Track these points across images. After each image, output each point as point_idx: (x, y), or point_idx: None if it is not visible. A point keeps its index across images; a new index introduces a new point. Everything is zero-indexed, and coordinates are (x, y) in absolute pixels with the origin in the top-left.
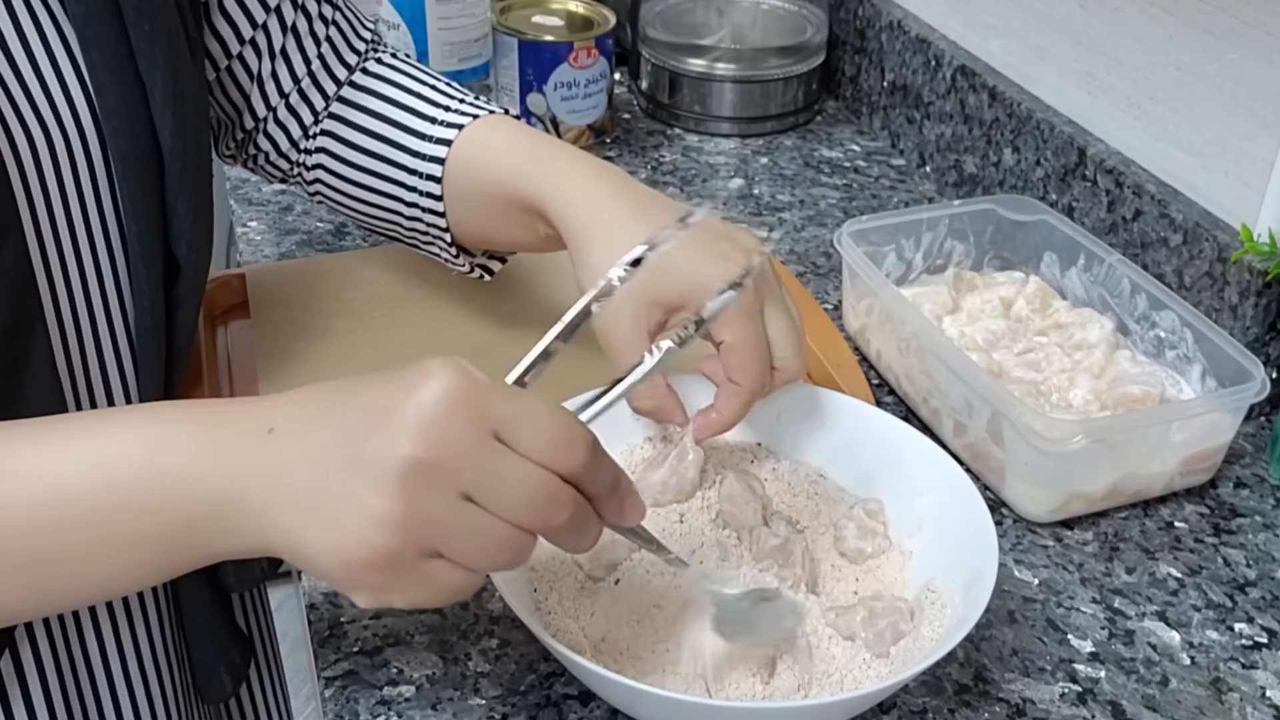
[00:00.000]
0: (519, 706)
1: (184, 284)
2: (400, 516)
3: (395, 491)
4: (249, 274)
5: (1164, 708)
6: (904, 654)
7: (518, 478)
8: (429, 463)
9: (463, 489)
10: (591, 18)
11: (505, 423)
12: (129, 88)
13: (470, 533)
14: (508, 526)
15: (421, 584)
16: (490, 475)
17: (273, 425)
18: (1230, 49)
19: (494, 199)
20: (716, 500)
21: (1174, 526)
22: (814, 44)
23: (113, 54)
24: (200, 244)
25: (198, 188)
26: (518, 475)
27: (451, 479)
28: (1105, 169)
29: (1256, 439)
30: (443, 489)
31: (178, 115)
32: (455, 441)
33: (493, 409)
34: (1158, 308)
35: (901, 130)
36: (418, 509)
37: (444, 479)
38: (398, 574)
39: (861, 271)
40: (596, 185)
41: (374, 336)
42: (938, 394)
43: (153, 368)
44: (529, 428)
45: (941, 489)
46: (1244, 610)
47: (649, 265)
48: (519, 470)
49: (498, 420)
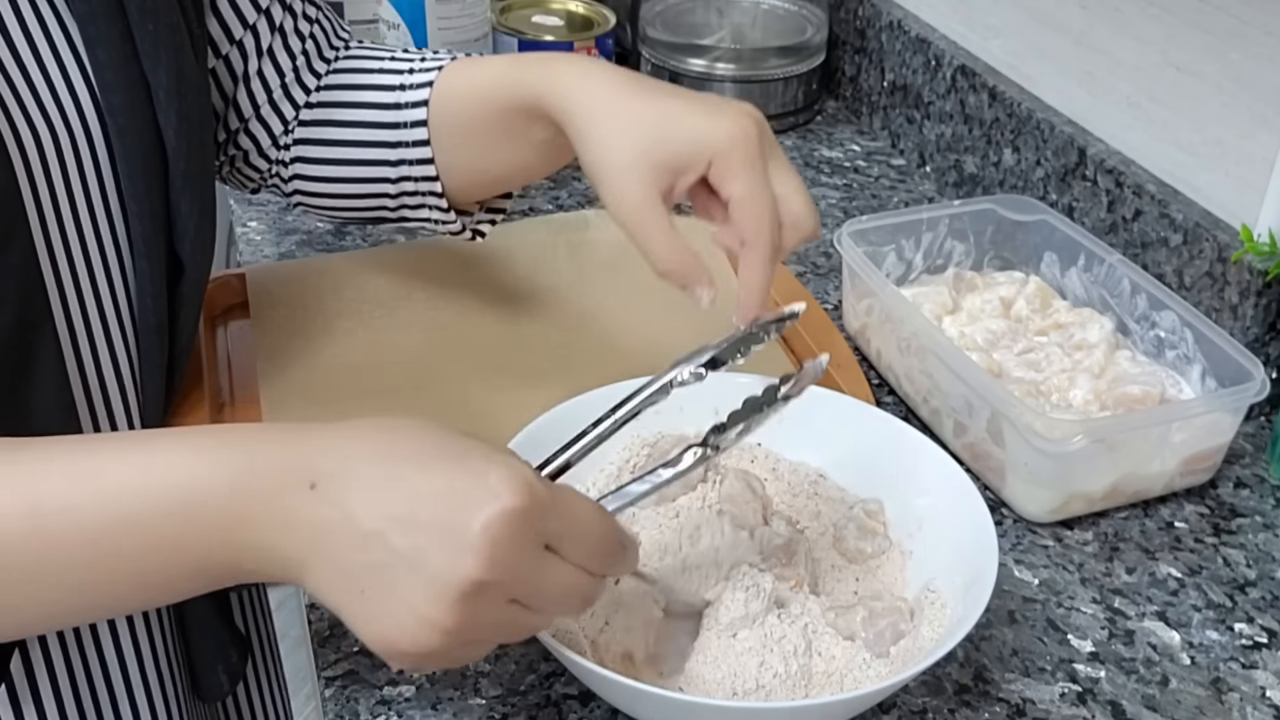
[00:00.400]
0: (519, 706)
1: (187, 283)
2: (454, 627)
3: (454, 607)
4: (249, 274)
5: (1164, 708)
6: (904, 654)
7: (559, 582)
8: (489, 583)
9: (512, 597)
10: (591, 18)
11: (555, 536)
12: (133, 87)
13: (509, 627)
14: (541, 616)
15: (449, 660)
16: (538, 586)
17: (315, 480)
18: (1230, 49)
19: (485, 117)
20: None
21: (1174, 526)
22: (814, 44)
23: (117, 53)
24: (204, 243)
25: (201, 187)
26: (560, 581)
27: (505, 591)
28: (1105, 169)
29: (1256, 439)
30: (495, 600)
31: (181, 114)
32: (514, 562)
33: (547, 526)
34: (1158, 308)
35: (901, 130)
36: (470, 621)
37: (499, 593)
38: (435, 660)
39: (861, 271)
40: (589, 68)
41: (374, 336)
42: (938, 394)
43: (155, 366)
44: (575, 541)
45: (941, 489)
46: (1244, 610)
47: (652, 150)
48: (563, 577)
49: (549, 535)
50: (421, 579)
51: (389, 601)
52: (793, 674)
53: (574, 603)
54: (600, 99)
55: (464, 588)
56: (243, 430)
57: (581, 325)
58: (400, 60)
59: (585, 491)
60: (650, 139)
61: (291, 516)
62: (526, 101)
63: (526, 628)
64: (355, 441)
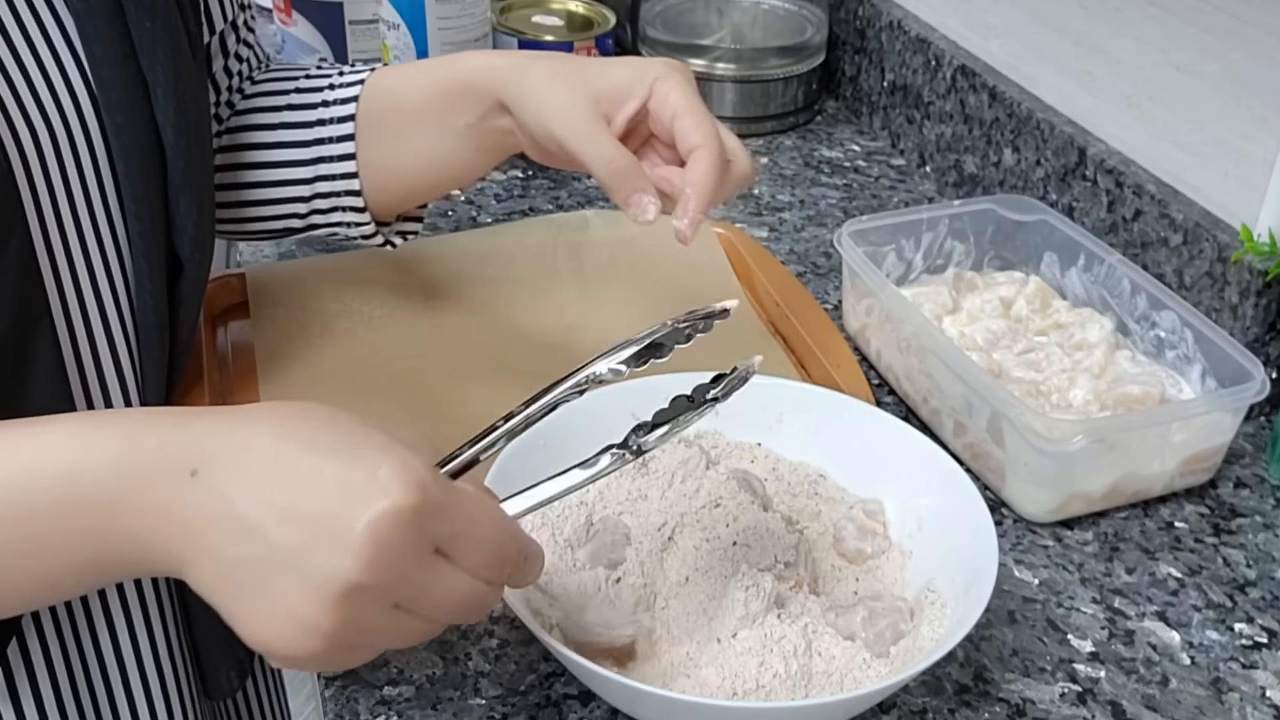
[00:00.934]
0: (519, 706)
1: (186, 281)
2: (331, 629)
3: (332, 609)
4: (249, 274)
5: (1164, 708)
6: (904, 654)
7: (450, 589)
8: (370, 585)
9: (395, 601)
10: (591, 18)
11: (448, 540)
12: (131, 85)
13: (393, 633)
14: (429, 624)
15: (330, 664)
16: (425, 591)
17: (196, 466)
18: (1230, 49)
19: (414, 105)
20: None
21: (1174, 526)
22: (814, 44)
23: (115, 51)
24: (203, 241)
25: (200, 185)
26: (450, 587)
27: (388, 595)
28: (1105, 169)
29: (1256, 439)
30: (377, 603)
31: (180, 112)
32: (400, 565)
33: (439, 528)
34: (1158, 308)
35: (901, 130)
36: (349, 622)
37: (381, 596)
38: (316, 662)
39: (861, 271)
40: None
41: (374, 336)
42: (938, 394)
43: (155, 365)
44: (469, 545)
45: (941, 489)
46: (1244, 610)
47: (591, 83)
48: (453, 583)
49: (441, 538)
50: (297, 577)
51: (265, 600)
52: (793, 674)
53: (465, 611)
54: (535, 63)
55: (342, 590)
56: (132, 413)
57: (581, 325)
58: (317, 76)
59: None
60: (587, 78)
61: (171, 504)
62: (460, 80)
63: (413, 634)
64: (247, 426)
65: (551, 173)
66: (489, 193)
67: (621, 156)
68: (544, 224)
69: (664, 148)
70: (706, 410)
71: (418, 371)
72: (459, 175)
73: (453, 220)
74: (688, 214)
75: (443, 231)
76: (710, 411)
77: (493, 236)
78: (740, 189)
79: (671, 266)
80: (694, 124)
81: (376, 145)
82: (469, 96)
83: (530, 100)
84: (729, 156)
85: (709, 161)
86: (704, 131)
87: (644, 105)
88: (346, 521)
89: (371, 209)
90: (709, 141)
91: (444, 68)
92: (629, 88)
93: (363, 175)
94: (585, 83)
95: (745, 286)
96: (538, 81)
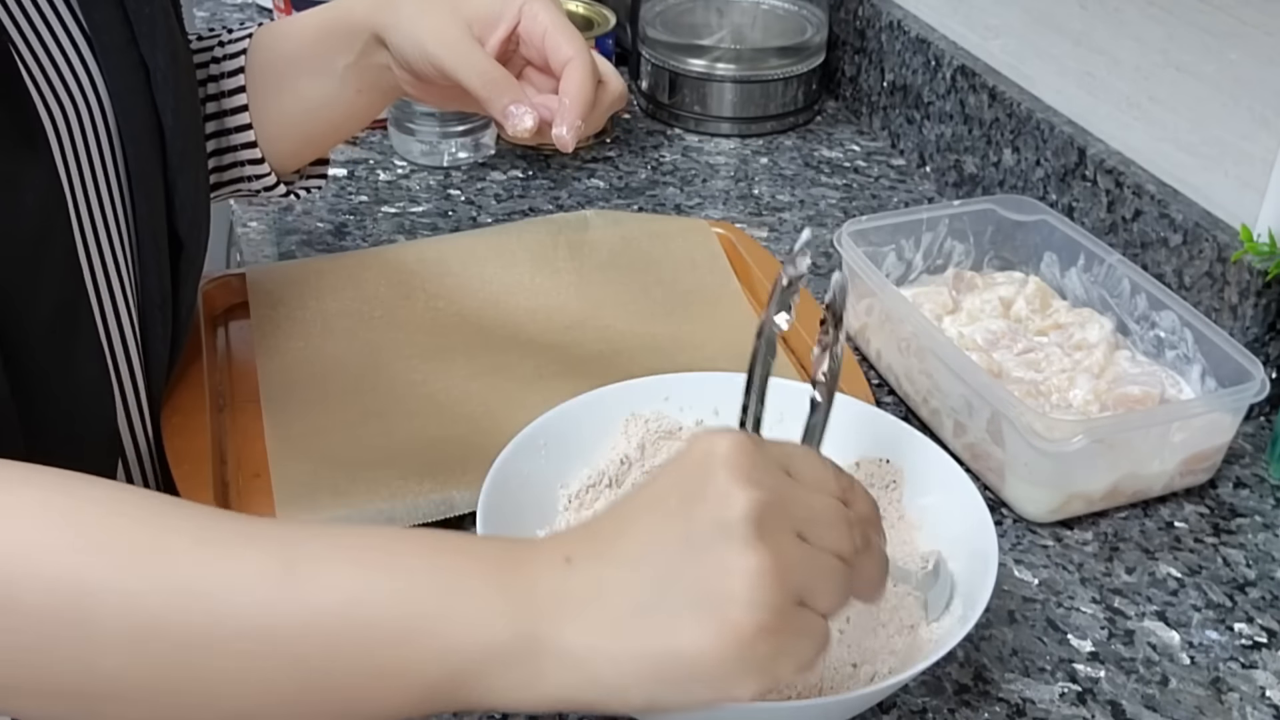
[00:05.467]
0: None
1: (186, 260)
2: (771, 563)
3: (756, 540)
4: (249, 274)
5: (1164, 708)
6: (904, 653)
7: (825, 507)
8: (765, 503)
9: (796, 528)
10: (591, 18)
11: (788, 463)
12: (134, 70)
13: (819, 571)
14: (836, 560)
15: (803, 638)
16: (808, 509)
17: (569, 555)
18: (1230, 49)
19: (297, 50)
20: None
21: (1174, 526)
22: (814, 44)
23: (119, 37)
24: (201, 220)
25: (196, 165)
26: (823, 505)
27: (787, 517)
28: (1105, 169)
29: (1256, 439)
30: (785, 528)
31: (178, 96)
32: (772, 482)
33: (774, 452)
34: (1158, 308)
35: (901, 130)
36: (778, 552)
37: (781, 518)
38: (785, 630)
39: (861, 271)
40: None
41: (374, 336)
42: (938, 394)
43: (158, 345)
44: (805, 465)
45: (941, 489)
46: (1244, 610)
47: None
48: (822, 500)
49: (782, 462)
50: (707, 543)
51: (702, 592)
52: None
53: (845, 531)
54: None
55: (749, 516)
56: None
57: (581, 325)
58: (208, 37)
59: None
60: (456, 5)
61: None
62: (335, 20)
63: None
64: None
65: (551, 172)
66: (489, 193)
67: (495, 69)
68: (544, 224)
69: (538, 75)
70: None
71: (417, 371)
72: (346, 119)
73: (453, 220)
74: (566, 121)
75: (443, 231)
76: None
77: (493, 236)
78: (613, 109)
79: (671, 266)
80: (565, 39)
81: (265, 97)
82: (345, 35)
83: (404, 25)
84: (601, 78)
85: (583, 70)
86: (575, 45)
87: (514, 30)
88: (707, 476)
89: (272, 163)
90: (581, 53)
91: (322, 12)
92: (499, 12)
93: (257, 129)
94: (455, 8)
95: (745, 286)
96: (410, 8)
